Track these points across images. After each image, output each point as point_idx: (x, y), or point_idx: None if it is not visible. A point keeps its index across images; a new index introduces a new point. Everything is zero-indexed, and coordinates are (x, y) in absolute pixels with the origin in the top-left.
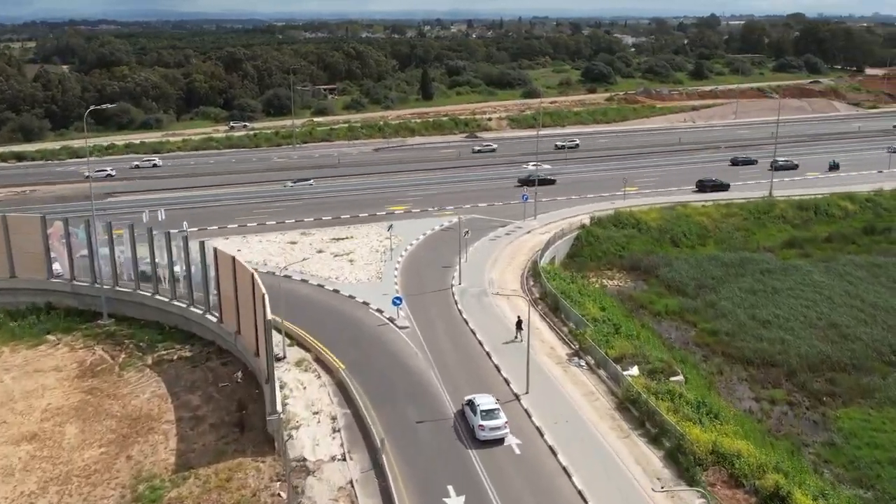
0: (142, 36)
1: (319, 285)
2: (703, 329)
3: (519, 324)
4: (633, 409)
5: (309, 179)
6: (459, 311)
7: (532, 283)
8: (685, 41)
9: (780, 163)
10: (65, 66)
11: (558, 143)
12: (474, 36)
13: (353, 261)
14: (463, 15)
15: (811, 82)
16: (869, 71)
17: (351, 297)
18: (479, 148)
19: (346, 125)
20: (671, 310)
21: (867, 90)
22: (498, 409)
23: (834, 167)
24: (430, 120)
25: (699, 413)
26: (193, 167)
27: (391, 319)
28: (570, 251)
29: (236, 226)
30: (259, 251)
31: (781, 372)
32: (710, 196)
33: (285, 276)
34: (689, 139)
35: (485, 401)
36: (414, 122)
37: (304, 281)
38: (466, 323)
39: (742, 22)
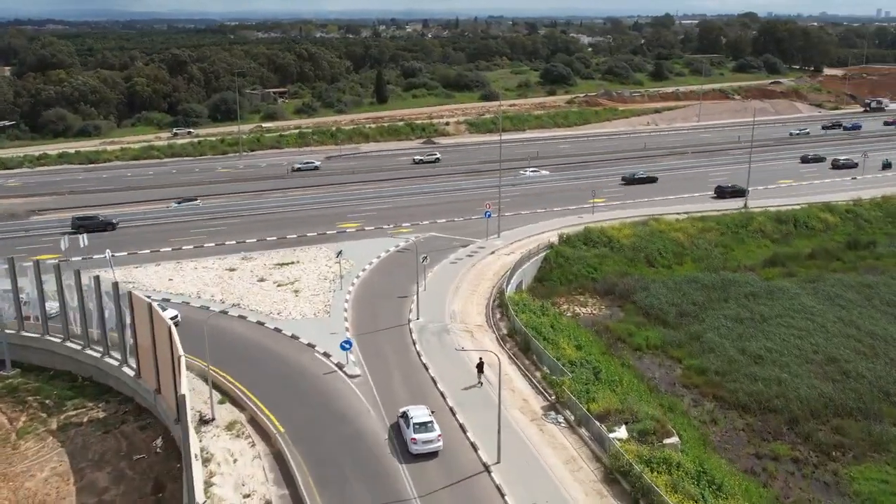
0: (89, 36)
1: (259, 322)
2: (690, 367)
3: (480, 366)
4: (623, 483)
5: (195, 199)
6: (418, 353)
7: (499, 315)
8: (642, 41)
9: (842, 161)
10: (7, 68)
11: (418, 159)
12: (430, 36)
13: (299, 291)
14: (418, 14)
15: (772, 83)
16: (827, 71)
17: (294, 337)
18: (420, 158)
19: (297, 131)
20: (652, 343)
21: (828, 90)
22: (432, 422)
23: (887, 166)
24: (386, 125)
25: (700, 486)
26: (130, 180)
27: (340, 366)
28: (538, 274)
29: (170, 249)
30: (193, 280)
31: (782, 419)
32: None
33: (221, 313)
34: (654, 143)
35: (418, 413)
36: (368, 127)
37: (241, 317)
38: (426, 369)
39: (695, 22)
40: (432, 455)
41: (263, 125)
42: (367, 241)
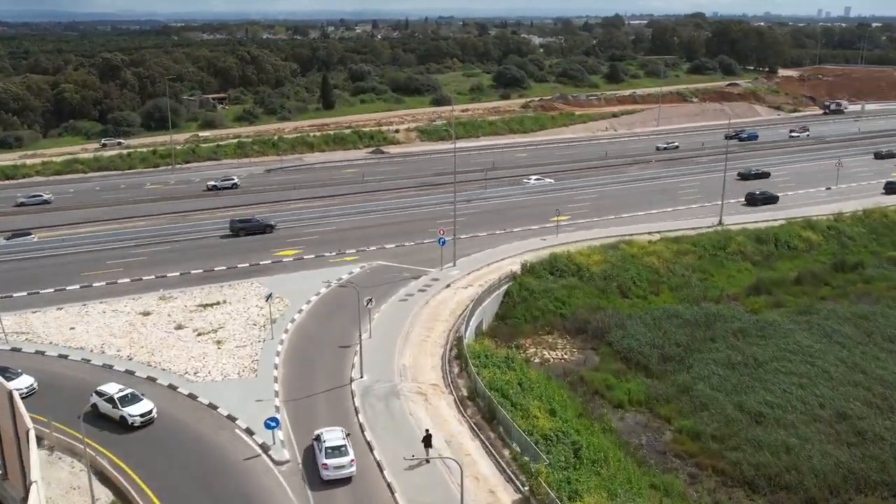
0: (26, 38)
1: (171, 387)
2: (682, 429)
3: (427, 440)
4: None
5: (30, 233)
6: (361, 426)
7: (457, 370)
8: (594, 42)
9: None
10: None
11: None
12: (380, 37)
13: (222, 342)
14: (369, 15)
15: (728, 85)
16: (782, 72)
17: (212, 406)
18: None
19: (236, 140)
20: (635, 398)
21: (785, 92)
22: (345, 446)
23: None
24: (332, 133)
25: None
26: (46, 199)
27: (265, 448)
28: (500, 310)
29: (78, 287)
30: (98, 330)
31: (797, 499)
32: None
33: (126, 373)
34: (615, 151)
35: (332, 436)
36: (313, 135)
37: (151, 379)
38: (371, 450)
39: (644, 22)
40: (345, 481)
41: (200, 134)
42: (305, 274)
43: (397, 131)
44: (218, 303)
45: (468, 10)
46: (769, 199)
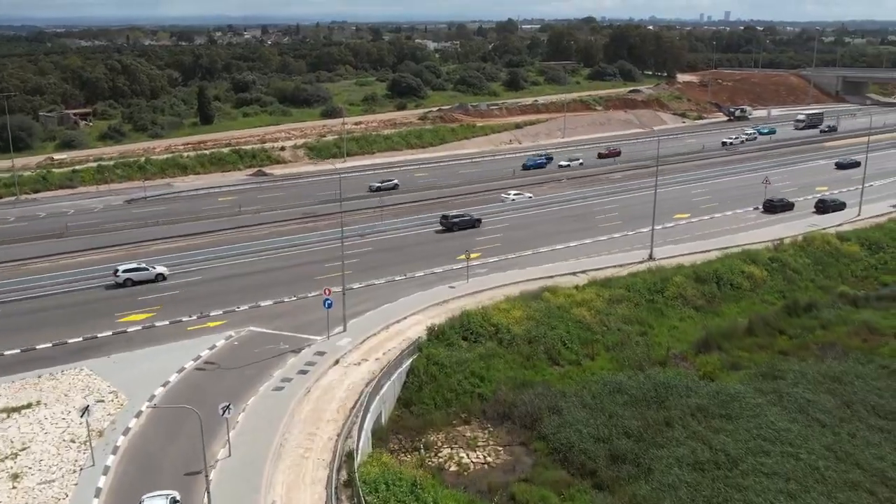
0: None
1: None
2: None
3: None
4: None
5: None
6: None
7: None
8: (490, 47)
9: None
10: None
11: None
12: (269, 43)
13: (20, 476)
14: (259, 21)
15: (631, 91)
16: (681, 77)
17: None
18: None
19: (97, 164)
20: None
21: (688, 98)
22: None
23: None
24: (208, 152)
25: None
26: None
27: None
28: (403, 394)
29: None
30: None
31: None
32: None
33: None
34: (520, 167)
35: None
36: (187, 155)
37: None
38: None
39: (537, 27)
40: None
41: (56, 157)
42: (155, 352)
43: (283, 149)
44: (29, 405)
45: (360, 15)
46: (786, 206)
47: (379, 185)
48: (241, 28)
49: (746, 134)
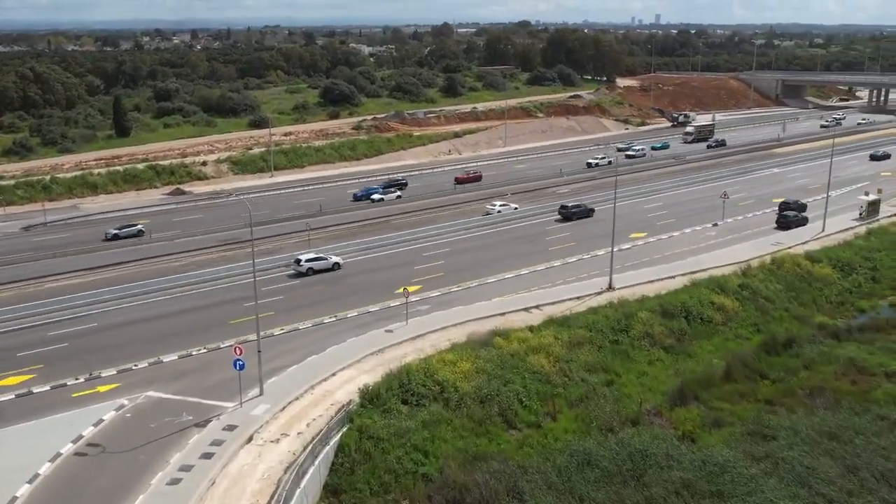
0: None
1: None
2: None
3: None
4: None
5: None
6: None
7: None
8: (426, 51)
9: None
10: None
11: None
12: (199, 48)
13: None
14: (193, 25)
15: (571, 97)
16: (620, 81)
17: None
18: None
19: None
20: None
21: (630, 104)
22: None
23: None
24: (122, 168)
25: None
26: None
27: None
28: (331, 478)
29: None
30: None
31: None
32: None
33: None
34: (464, 184)
35: None
36: (98, 173)
37: None
38: None
39: (473, 30)
40: None
41: None
42: (25, 430)
43: (205, 163)
44: None
45: (296, 19)
46: (800, 213)
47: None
48: (171, 32)
49: (626, 151)
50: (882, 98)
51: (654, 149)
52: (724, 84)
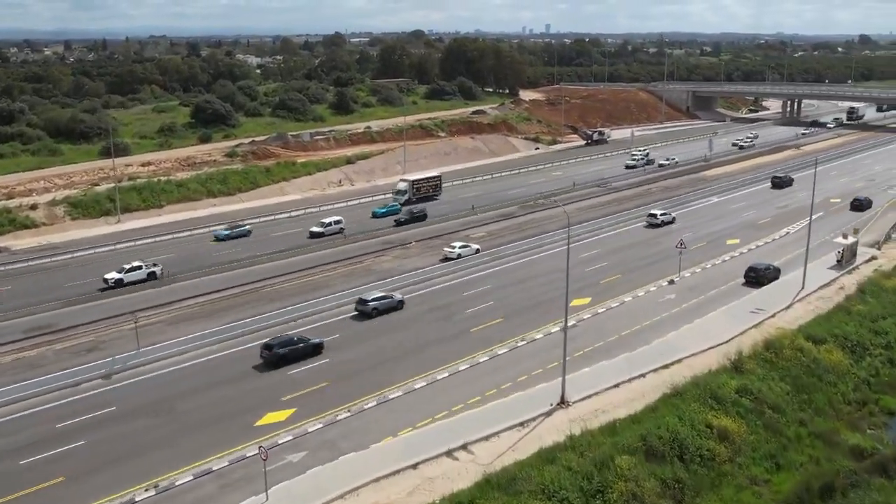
0: None
1: None
2: None
3: None
4: None
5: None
6: None
7: None
8: (317, 62)
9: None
10: None
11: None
12: (71, 60)
13: None
14: (69, 36)
15: (475, 112)
16: (524, 94)
17: None
18: None
19: None
20: None
21: (538, 119)
22: None
23: None
24: None
25: None
26: None
27: None
28: None
29: None
30: None
31: None
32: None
33: None
34: (353, 222)
35: None
36: None
37: None
38: None
39: (366, 40)
40: None
41: None
42: None
43: (35, 206)
44: None
45: (182, 29)
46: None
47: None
48: (42, 43)
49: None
50: (796, 108)
51: (375, 215)
52: (634, 96)
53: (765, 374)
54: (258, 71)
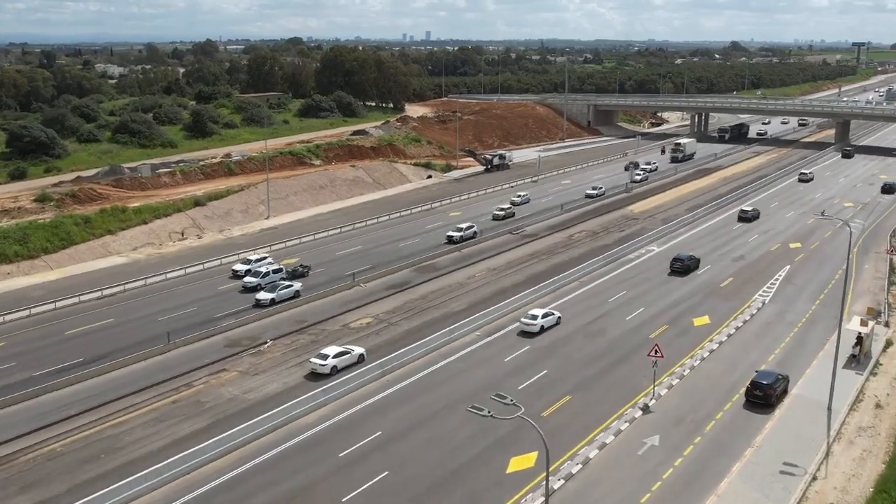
0: None
1: None
2: None
3: None
4: None
5: None
6: None
7: None
8: (181, 73)
9: None
10: None
11: None
12: None
13: None
14: None
15: (355, 132)
16: (410, 109)
17: None
18: None
19: None
20: None
21: (428, 140)
22: None
23: None
24: None
25: None
26: None
27: None
28: None
29: None
30: None
31: None
32: None
33: None
34: (201, 305)
35: None
36: None
37: None
38: None
39: (241, 47)
40: None
41: None
42: None
43: None
44: None
45: (49, 36)
46: None
47: None
48: None
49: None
50: (703, 122)
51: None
52: (531, 111)
53: None
54: (112, 82)
